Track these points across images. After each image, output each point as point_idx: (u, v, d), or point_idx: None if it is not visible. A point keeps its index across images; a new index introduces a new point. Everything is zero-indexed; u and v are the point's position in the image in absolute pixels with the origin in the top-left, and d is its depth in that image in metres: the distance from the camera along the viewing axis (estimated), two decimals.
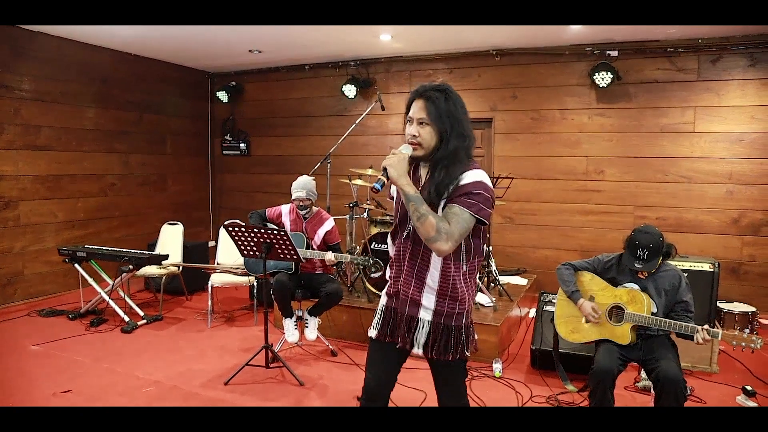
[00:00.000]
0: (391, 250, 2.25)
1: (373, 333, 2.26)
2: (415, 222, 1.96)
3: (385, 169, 2.01)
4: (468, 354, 2.15)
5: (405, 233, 2.14)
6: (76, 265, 5.29)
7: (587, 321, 3.24)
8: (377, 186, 2.05)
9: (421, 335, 2.13)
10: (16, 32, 5.59)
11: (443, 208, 2.01)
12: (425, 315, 2.12)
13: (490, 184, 2.04)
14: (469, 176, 2.00)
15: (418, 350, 2.14)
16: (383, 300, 2.28)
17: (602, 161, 5.98)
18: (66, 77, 6.13)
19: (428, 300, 2.11)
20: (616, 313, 3.15)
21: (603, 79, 5.63)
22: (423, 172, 2.16)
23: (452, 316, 2.11)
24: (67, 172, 6.21)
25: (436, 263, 2.08)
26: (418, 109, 2.05)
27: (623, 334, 3.09)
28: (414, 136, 2.05)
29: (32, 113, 5.81)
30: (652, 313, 3.02)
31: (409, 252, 2.13)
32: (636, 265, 3.05)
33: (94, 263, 5.37)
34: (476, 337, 2.25)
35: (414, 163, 2.15)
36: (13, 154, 5.66)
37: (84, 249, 5.30)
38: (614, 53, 5.75)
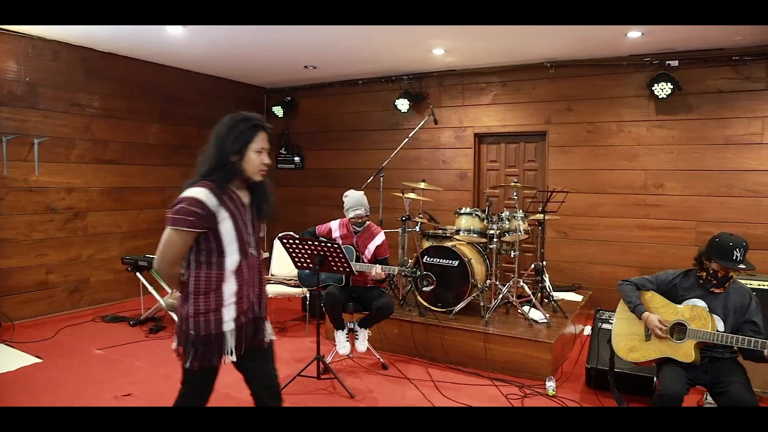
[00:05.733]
0: None
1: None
2: None
3: None
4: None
5: None
6: (138, 274, 5.52)
7: (653, 336, 3.11)
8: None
9: None
10: (89, 53, 5.93)
11: None
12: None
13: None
14: None
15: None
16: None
17: (662, 174, 5.78)
18: (132, 95, 6.45)
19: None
20: (679, 329, 3.03)
21: (662, 89, 5.46)
22: (241, 194, 2.43)
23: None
24: (131, 185, 6.51)
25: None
26: (266, 141, 2.41)
27: (686, 352, 2.96)
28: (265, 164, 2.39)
29: (101, 129, 6.14)
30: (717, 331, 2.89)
31: None
32: (739, 266, 2.88)
33: (155, 272, 5.58)
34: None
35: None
36: (84, 168, 5.98)
37: (145, 258, 5.53)
38: (675, 63, 5.57)
